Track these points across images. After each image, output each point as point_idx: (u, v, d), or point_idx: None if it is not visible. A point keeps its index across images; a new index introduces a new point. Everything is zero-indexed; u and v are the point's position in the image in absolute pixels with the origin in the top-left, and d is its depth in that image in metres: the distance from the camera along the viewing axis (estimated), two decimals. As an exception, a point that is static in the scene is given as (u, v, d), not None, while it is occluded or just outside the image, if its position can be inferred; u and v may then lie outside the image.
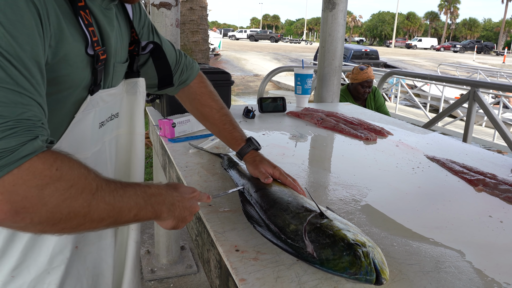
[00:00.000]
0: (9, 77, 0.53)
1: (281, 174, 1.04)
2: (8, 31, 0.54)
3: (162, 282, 2.50)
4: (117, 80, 0.89)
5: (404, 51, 45.50)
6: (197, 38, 6.21)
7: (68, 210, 0.56)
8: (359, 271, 0.69)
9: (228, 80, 1.98)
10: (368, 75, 3.27)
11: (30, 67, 0.56)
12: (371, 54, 18.69)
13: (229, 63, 21.53)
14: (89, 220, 0.60)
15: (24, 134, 0.53)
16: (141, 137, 1.00)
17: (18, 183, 0.52)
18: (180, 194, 0.79)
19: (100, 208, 0.61)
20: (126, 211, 0.66)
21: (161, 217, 0.75)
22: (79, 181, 0.58)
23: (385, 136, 1.80)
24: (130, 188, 0.68)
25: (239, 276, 0.73)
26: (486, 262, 0.82)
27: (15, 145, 0.52)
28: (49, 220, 0.56)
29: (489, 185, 1.23)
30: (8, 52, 0.54)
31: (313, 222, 0.80)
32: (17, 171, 0.52)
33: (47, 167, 0.55)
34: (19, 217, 0.53)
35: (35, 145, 0.54)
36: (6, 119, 0.52)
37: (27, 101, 0.55)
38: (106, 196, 0.62)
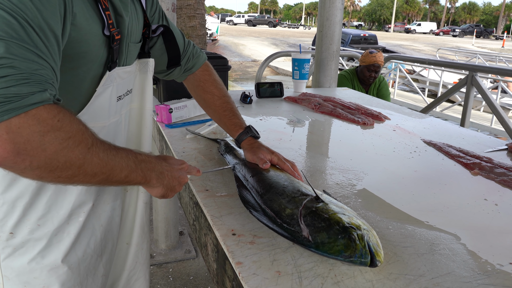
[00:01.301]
0: (31, 40, 0.61)
1: (279, 159, 1.05)
2: (35, 5, 0.62)
3: (161, 267, 2.52)
4: (131, 59, 0.98)
5: (403, 35, 45.19)
6: (194, 23, 6.15)
7: (64, 159, 0.63)
8: (353, 253, 0.70)
9: (225, 65, 1.97)
10: (375, 59, 3.25)
11: (49, 37, 0.64)
12: (370, 39, 18.56)
13: (227, 49, 21.38)
14: (83, 172, 0.67)
15: (35, 85, 0.60)
16: (150, 112, 1.10)
17: (23, 126, 0.58)
18: (169, 165, 0.86)
19: (93, 162, 0.67)
20: (117, 170, 0.73)
21: (150, 183, 0.81)
22: (77, 134, 0.65)
23: (382, 121, 1.80)
24: (122, 151, 0.75)
25: (235, 259, 0.74)
26: (481, 244, 0.83)
27: (26, 93, 0.58)
28: (47, 166, 0.62)
29: (485, 169, 1.24)
30: (33, 21, 0.62)
31: (308, 206, 0.81)
32: (24, 115, 0.58)
33: (51, 116, 0.61)
34: (20, 158, 0.59)
35: (43, 96, 0.60)
36: (22, 71, 0.59)
37: (42, 62, 0.62)
38: (100, 152, 0.69)
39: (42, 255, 0.85)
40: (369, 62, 3.28)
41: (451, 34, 53.06)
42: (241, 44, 23.55)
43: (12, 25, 0.59)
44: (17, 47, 0.59)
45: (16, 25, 0.60)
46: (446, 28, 59.26)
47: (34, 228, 0.84)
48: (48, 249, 0.86)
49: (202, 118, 1.67)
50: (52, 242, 0.86)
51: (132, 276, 1.19)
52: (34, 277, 0.85)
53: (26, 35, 0.60)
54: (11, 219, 0.82)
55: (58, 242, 0.87)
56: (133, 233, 1.16)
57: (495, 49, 25.09)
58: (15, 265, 0.84)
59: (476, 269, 0.74)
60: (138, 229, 1.16)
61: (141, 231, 1.17)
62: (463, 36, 50.45)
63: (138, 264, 1.19)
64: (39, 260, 0.85)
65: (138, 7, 0.99)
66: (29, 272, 0.85)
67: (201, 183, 1.07)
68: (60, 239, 0.87)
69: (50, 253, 0.86)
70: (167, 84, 1.84)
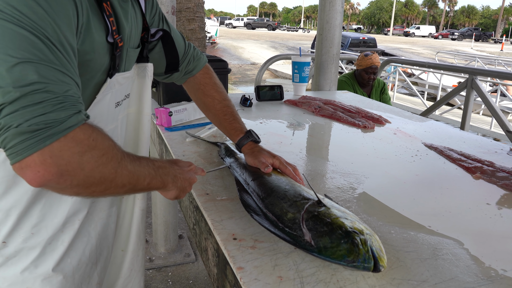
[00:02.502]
0: (56, 59, 0.62)
1: (281, 163, 1.04)
2: (53, 20, 0.63)
3: (161, 271, 2.51)
4: (129, 64, 0.97)
5: (402, 39, 45.30)
6: (194, 26, 6.15)
7: (100, 175, 0.66)
8: (357, 258, 0.69)
9: (225, 68, 1.96)
10: (372, 62, 3.26)
11: (69, 52, 0.66)
12: (369, 42, 18.59)
13: (226, 52, 21.40)
14: (114, 185, 0.70)
15: (70, 108, 0.62)
16: (148, 117, 1.10)
17: (64, 149, 0.61)
18: (180, 168, 0.89)
19: (123, 175, 0.71)
20: (142, 179, 0.76)
21: (167, 187, 0.84)
22: (109, 150, 0.68)
23: (383, 124, 1.80)
24: (143, 160, 0.78)
25: (236, 264, 0.73)
26: (484, 249, 0.82)
27: (64, 117, 0.61)
28: (84, 183, 0.65)
29: (487, 173, 1.23)
30: (53, 37, 0.63)
31: (310, 210, 0.80)
32: (64, 139, 0.61)
33: (87, 137, 0.64)
34: (63, 179, 0.62)
35: (78, 118, 0.63)
36: (56, 95, 0.61)
37: (69, 80, 0.64)
38: (128, 165, 0.72)
39: (35, 264, 0.83)
40: (366, 65, 3.29)
41: (450, 38, 53.18)
42: (240, 47, 23.58)
43: (36, 45, 0.60)
44: (47, 69, 0.61)
45: (40, 45, 0.61)
46: (445, 32, 59.43)
47: (28, 237, 0.82)
48: (42, 258, 0.84)
49: (202, 121, 1.66)
50: (46, 251, 0.84)
51: (127, 284, 1.17)
52: (27, 287, 0.83)
53: (51, 55, 0.62)
54: (4, 227, 0.80)
55: (52, 250, 0.85)
56: (129, 240, 1.14)
57: (494, 53, 25.16)
58: (7, 274, 0.82)
59: (480, 275, 0.73)
60: (134, 236, 1.15)
61: (137, 238, 1.15)
62: (462, 40, 50.55)
63: (134, 272, 1.17)
64: (32, 269, 0.83)
65: (138, 11, 0.98)
66: (22, 282, 0.82)
67: (202, 187, 1.06)
68: (54, 247, 0.86)
69: (44, 262, 0.84)
70: (167, 87, 1.84)
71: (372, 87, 3.41)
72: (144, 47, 1.04)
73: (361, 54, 3.40)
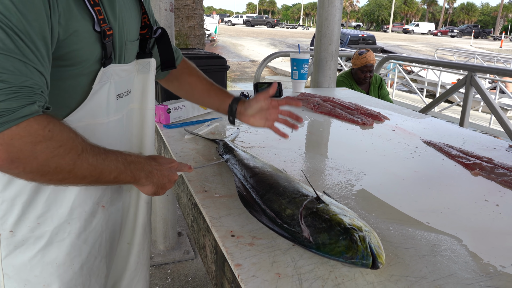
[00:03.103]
0: (17, 48, 0.63)
1: (279, 102, 1.13)
2: (19, 10, 0.63)
3: (160, 268, 2.51)
4: (129, 57, 0.97)
5: (401, 36, 45.26)
6: (192, 23, 6.13)
7: (55, 165, 0.68)
8: (355, 255, 0.69)
9: (223, 65, 1.96)
10: (366, 60, 3.24)
11: (36, 41, 0.66)
12: (368, 39, 18.57)
13: (225, 49, 21.36)
14: (73, 176, 0.71)
15: (24, 98, 0.63)
16: (152, 112, 1.10)
17: (15, 137, 0.62)
18: (158, 164, 0.90)
19: (83, 167, 0.72)
20: (106, 172, 0.77)
21: (140, 182, 0.86)
22: (67, 142, 0.69)
23: (381, 121, 1.80)
24: (112, 154, 0.78)
25: (234, 261, 0.73)
26: (482, 246, 0.82)
27: (15, 107, 0.62)
28: (39, 171, 0.67)
29: (486, 169, 1.23)
30: (18, 27, 0.63)
31: (309, 207, 0.80)
32: (16, 128, 0.62)
33: (41, 127, 0.65)
34: (14, 165, 0.64)
35: (32, 109, 0.64)
36: (10, 85, 0.62)
37: (30, 71, 0.64)
38: (89, 157, 0.72)
39: (42, 253, 0.86)
40: (361, 64, 3.27)
41: (449, 35, 53.15)
42: (240, 45, 23.54)
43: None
44: (4, 59, 0.62)
45: (1, 34, 0.61)
46: (444, 29, 59.39)
47: (34, 226, 0.85)
48: (49, 248, 0.86)
49: (200, 118, 1.66)
50: (53, 241, 0.87)
51: (134, 277, 1.17)
52: (34, 275, 0.86)
53: (12, 44, 0.62)
54: (10, 217, 0.83)
55: (60, 241, 0.87)
56: (135, 233, 1.15)
57: (493, 50, 25.14)
58: (15, 262, 0.85)
59: (478, 271, 0.73)
60: (140, 229, 1.15)
61: (143, 231, 1.16)
62: (461, 37, 50.53)
63: (140, 265, 1.18)
64: (39, 258, 0.86)
65: (133, 7, 0.98)
66: (30, 270, 0.86)
67: (200, 183, 1.06)
68: (62, 238, 0.88)
69: (51, 251, 0.87)
70: (166, 84, 1.83)
71: (370, 84, 3.39)
72: (147, 44, 1.05)
73: (355, 53, 3.36)
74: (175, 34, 3.66)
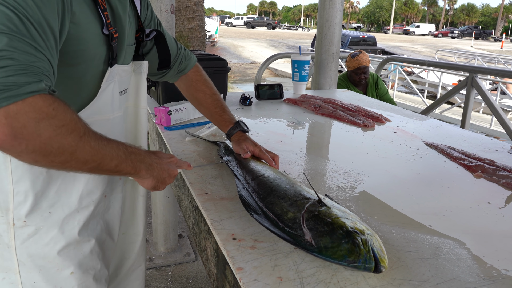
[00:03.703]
0: (30, 34, 0.66)
1: (260, 151, 1.14)
2: (35, 3, 0.68)
3: (160, 270, 2.50)
4: (128, 59, 1.04)
5: (401, 37, 45.26)
6: (193, 25, 6.13)
7: (58, 145, 0.68)
8: (357, 259, 0.68)
9: (224, 67, 1.95)
10: (359, 62, 3.21)
11: (47, 32, 0.69)
12: (369, 41, 18.57)
13: (226, 50, 21.37)
14: (75, 159, 0.71)
15: (32, 76, 0.65)
16: (145, 110, 1.16)
17: (20, 112, 0.62)
18: (158, 158, 0.92)
19: (85, 150, 0.72)
20: (108, 159, 0.77)
21: (140, 174, 0.87)
22: (70, 123, 0.69)
23: (383, 123, 1.79)
24: (113, 142, 0.80)
25: (236, 265, 0.72)
26: (485, 249, 0.81)
27: (23, 82, 0.63)
28: (41, 150, 0.66)
29: (488, 171, 1.22)
30: (33, 17, 0.67)
31: (311, 210, 0.79)
32: (21, 103, 0.63)
33: (46, 105, 0.65)
34: (17, 142, 0.63)
35: (39, 86, 0.65)
36: (20, 63, 0.64)
37: (39, 55, 0.67)
38: (91, 141, 0.73)
39: (55, 241, 0.91)
40: (354, 66, 3.25)
41: (449, 36, 53.10)
42: (240, 46, 23.55)
43: (13, 20, 0.64)
44: (17, 41, 0.64)
45: (16, 20, 0.65)
46: (445, 30, 59.34)
47: (46, 216, 0.89)
48: (60, 235, 0.91)
49: (201, 120, 1.65)
50: (64, 229, 0.92)
51: (131, 266, 1.25)
52: (48, 261, 0.91)
53: (25, 30, 0.65)
54: (24, 207, 0.86)
55: (70, 229, 0.93)
56: (133, 224, 1.22)
57: (494, 51, 25.11)
58: (30, 250, 0.89)
59: (482, 275, 0.73)
60: (137, 220, 1.22)
61: (141, 222, 1.24)
62: (462, 38, 50.49)
63: (138, 256, 1.25)
64: (52, 245, 0.90)
65: (131, 12, 1.05)
66: (43, 257, 0.90)
67: (201, 186, 1.05)
68: (72, 226, 0.93)
69: (63, 239, 0.92)
70: (166, 86, 1.83)
71: (366, 84, 3.37)
72: (140, 46, 1.11)
73: (348, 55, 3.32)
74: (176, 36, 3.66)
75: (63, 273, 0.93)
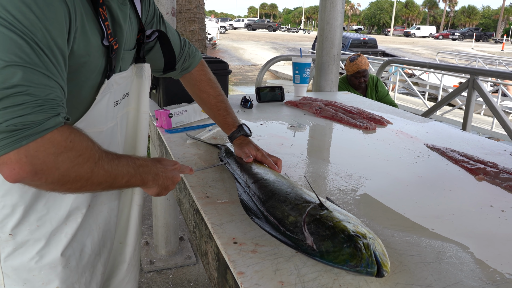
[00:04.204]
0: (41, 63, 0.65)
1: (263, 155, 1.12)
2: (44, 25, 0.66)
3: (161, 273, 2.50)
4: (125, 65, 1.00)
5: (402, 39, 45.28)
6: (194, 28, 6.14)
7: (75, 174, 0.70)
8: (360, 263, 0.68)
9: (225, 69, 1.95)
10: (358, 66, 3.18)
11: (57, 56, 0.69)
12: (370, 43, 18.58)
13: (227, 53, 21.40)
14: (90, 183, 0.74)
15: (49, 111, 0.66)
16: (146, 115, 1.14)
17: (40, 150, 0.64)
18: (163, 166, 0.93)
19: (100, 174, 0.74)
20: (120, 177, 0.80)
21: (147, 184, 0.89)
22: (86, 151, 0.71)
23: (384, 125, 1.79)
24: (123, 159, 0.82)
25: (237, 269, 0.72)
26: (488, 253, 0.81)
27: (41, 119, 0.64)
28: (60, 181, 0.69)
29: (490, 174, 1.22)
30: (42, 42, 0.66)
31: (312, 214, 0.79)
32: (40, 140, 0.64)
33: (64, 139, 0.67)
34: (37, 177, 0.66)
35: (56, 121, 0.66)
36: (37, 98, 0.64)
37: (53, 84, 0.67)
38: (105, 164, 0.75)
39: (41, 255, 0.89)
40: (353, 70, 3.22)
41: (450, 38, 53.11)
42: (241, 48, 23.58)
43: (23, 48, 0.63)
44: (31, 73, 0.64)
45: (27, 49, 0.64)
46: (446, 32, 59.37)
47: (34, 229, 0.88)
48: (47, 249, 0.90)
49: (202, 123, 1.65)
50: (51, 242, 0.90)
51: (125, 277, 1.22)
52: (33, 275, 0.89)
53: (37, 58, 0.65)
54: (11, 221, 0.85)
55: (57, 242, 0.91)
56: (128, 233, 1.20)
57: (495, 53, 25.12)
58: (15, 263, 0.88)
59: (485, 279, 0.72)
60: (132, 229, 1.20)
61: (134, 232, 1.21)
62: (463, 40, 50.51)
63: (130, 266, 1.23)
64: (38, 259, 0.89)
65: (132, 15, 1.01)
66: (29, 270, 0.89)
67: (202, 189, 1.05)
68: (59, 239, 0.91)
69: (49, 252, 0.90)
70: (167, 89, 1.83)
71: (366, 87, 3.35)
72: (140, 48, 1.08)
73: (347, 59, 3.28)
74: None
75: (48, 287, 0.91)
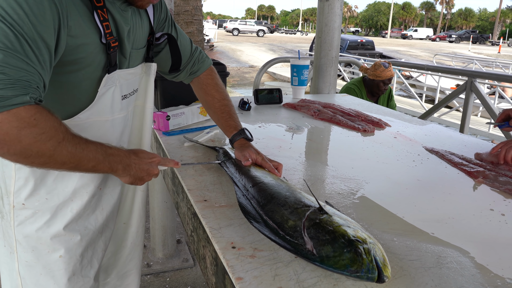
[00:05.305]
0: (23, 50, 0.74)
1: (263, 159, 1.13)
2: (31, 21, 0.75)
3: (158, 276, 2.48)
4: (134, 63, 1.10)
5: (399, 41, 45.39)
6: (192, 29, 6.13)
7: (37, 150, 0.77)
8: (360, 268, 0.67)
9: (223, 71, 1.94)
10: (391, 73, 3.11)
11: (41, 48, 0.77)
12: (367, 45, 18.63)
13: (224, 54, 21.40)
14: (53, 161, 0.80)
15: (19, 89, 0.73)
16: (150, 110, 1.24)
17: (4, 121, 0.71)
18: (138, 158, 0.98)
19: (62, 154, 0.80)
20: (85, 161, 0.85)
21: (117, 173, 0.95)
22: (50, 130, 0.77)
23: (383, 128, 1.78)
24: (92, 145, 0.87)
25: (235, 274, 0.71)
26: (489, 257, 0.80)
27: (10, 95, 0.71)
28: (22, 154, 0.76)
29: (489, 177, 1.21)
30: (27, 34, 0.75)
31: (312, 218, 0.78)
32: (6, 113, 0.71)
33: (28, 116, 0.74)
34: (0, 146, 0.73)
35: (24, 99, 0.73)
36: (10, 77, 0.72)
37: (30, 70, 0.75)
38: (69, 146, 0.81)
39: (47, 225, 1.00)
40: (385, 77, 3.10)
41: (447, 40, 53.27)
42: (239, 50, 23.59)
43: (9, 37, 0.72)
44: (10, 56, 0.72)
45: (12, 38, 0.73)
46: (443, 34, 59.56)
47: (43, 201, 0.98)
48: (53, 220, 1.00)
49: (200, 126, 1.64)
50: (57, 215, 1.00)
51: (129, 254, 1.34)
52: (40, 243, 1.00)
53: (20, 47, 0.73)
54: (24, 191, 0.97)
55: (63, 216, 1.01)
56: (131, 215, 1.31)
57: (492, 55, 25.22)
58: (25, 231, 0.99)
59: (486, 284, 0.71)
60: (135, 212, 1.31)
61: (138, 214, 1.32)
62: (460, 42, 50.68)
63: (134, 245, 1.34)
64: (45, 229, 1.00)
65: (144, 18, 1.11)
66: (37, 239, 1.00)
67: (200, 193, 1.04)
68: (65, 213, 1.01)
69: (54, 224, 1.00)
70: (164, 90, 1.82)
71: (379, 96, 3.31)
72: (150, 49, 1.16)
73: (377, 64, 3.14)
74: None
75: (53, 255, 1.01)
